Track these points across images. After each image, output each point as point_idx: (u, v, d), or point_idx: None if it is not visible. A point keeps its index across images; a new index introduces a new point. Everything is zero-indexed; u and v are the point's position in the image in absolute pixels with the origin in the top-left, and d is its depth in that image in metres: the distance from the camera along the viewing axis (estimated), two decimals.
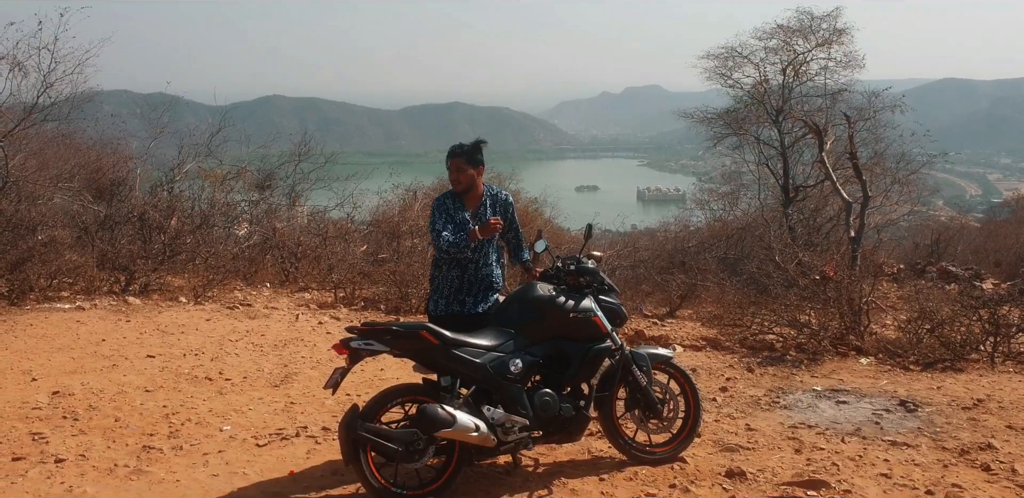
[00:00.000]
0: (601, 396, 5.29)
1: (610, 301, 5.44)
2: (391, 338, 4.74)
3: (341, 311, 10.68)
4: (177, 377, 7.28)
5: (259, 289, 12.66)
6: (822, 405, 6.73)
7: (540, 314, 5.12)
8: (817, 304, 8.97)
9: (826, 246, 16.75)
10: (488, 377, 4.87)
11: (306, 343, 8.65)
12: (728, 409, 6.65)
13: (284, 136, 18.36)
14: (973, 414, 6.43)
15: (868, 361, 8.18)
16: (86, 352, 8.01)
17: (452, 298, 5.57)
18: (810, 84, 20.70)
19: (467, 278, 5.57)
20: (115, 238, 11.35)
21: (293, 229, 14.73)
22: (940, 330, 8.34)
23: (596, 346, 5.24)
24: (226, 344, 8.48)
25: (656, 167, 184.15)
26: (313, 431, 5.96)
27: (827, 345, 8.55)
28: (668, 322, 12.18)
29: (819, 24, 19.74)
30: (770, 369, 7.95)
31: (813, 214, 19.21)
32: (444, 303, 5.58)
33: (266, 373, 7.49)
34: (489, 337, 5.01)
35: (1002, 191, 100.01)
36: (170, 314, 9.78)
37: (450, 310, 5.55)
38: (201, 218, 12.54)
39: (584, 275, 5.33)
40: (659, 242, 22.62)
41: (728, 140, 21.90)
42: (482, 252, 5.56)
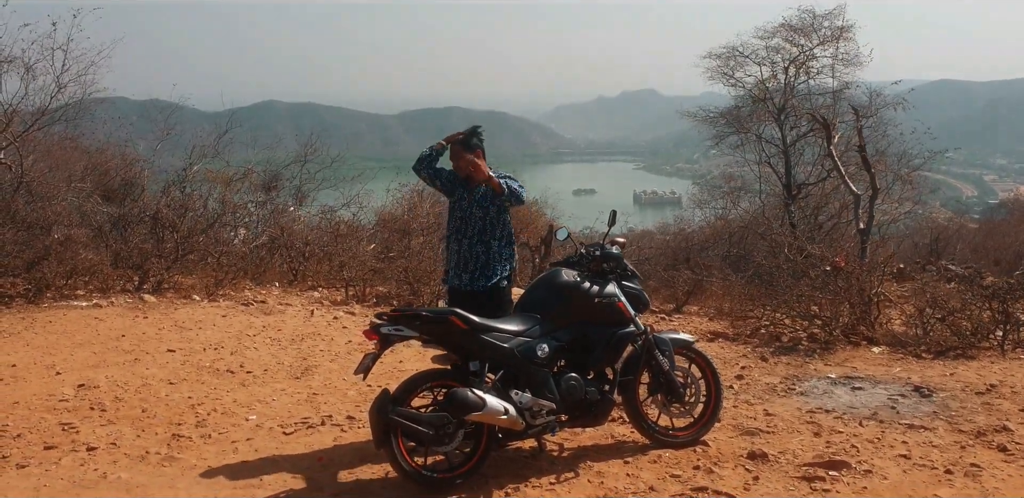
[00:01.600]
0: (625, 380, 5.38)
1: (633, 287, 5.54)
2: (420, 323, 4.82)
3: (355, 307, 10.77)
4: (199, 370, 7.36)
5: (268, 288, 12.72)
6: (838, 391, 6.83)
7: (566, 299, 5.22)
8: (828, 294, 9.07)
9: (830, 242, 16.87)
10: (516, 362, 4.96)
11: (323, 337, 8.74)
12: (745, 396, 6.75)
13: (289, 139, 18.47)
14: (987, 399, 6.53)
15: (880, 350, 8.29)
16: (107, 347, 8.09)
17: (454, 273, 5.84)
18: (812, 83, 20.83)
19: (462, 253, 5.81)
20: (128, 237, 11.43)
21: (301, 228, 14.81)
22: (951, 319, 8.44)
23: (620, 331, 5.33)
24: (244, 339, 8.57)
25: (652, 170, 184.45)
26: (338, 420, 6.04)
27: (839, 335, 8.65)
28: (675, 317, 12.28)
29: (821, 22, 19.89)
30: (783, 358, 8.05)
31: (815, 212, 19.34)
32: (469, 278, 5.82)
33: (286, 366, 7.57)
34: (516, 322, 5.11)
35: (998, 192, 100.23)
36: (186, 311, 9.87)
37: (476, 286, 5.77)
38: (214, 217, 12.65)
39: (608, 261, 5.44)
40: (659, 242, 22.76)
41: (729, 139, 22.03)
42: (474, 227, 5.77)
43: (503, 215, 5.86)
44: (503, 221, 5.85)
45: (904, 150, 19.72)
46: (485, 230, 5.79)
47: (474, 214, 5.80)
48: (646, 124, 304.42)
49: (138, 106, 17.89)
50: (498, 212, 5.81)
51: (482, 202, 5.80)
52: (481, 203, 5.79)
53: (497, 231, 5.83)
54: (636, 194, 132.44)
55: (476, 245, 5.77)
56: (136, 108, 18.37)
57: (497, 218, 5.83)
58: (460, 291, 5.83)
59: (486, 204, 5.79)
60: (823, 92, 20.56)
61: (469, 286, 5.79)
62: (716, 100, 23.44)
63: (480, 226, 5.79)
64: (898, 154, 19.54)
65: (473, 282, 5.79)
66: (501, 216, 5.84)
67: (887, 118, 19.31)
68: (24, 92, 11.78)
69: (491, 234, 5.79)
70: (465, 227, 5.81)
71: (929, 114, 19.77)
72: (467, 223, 5.80)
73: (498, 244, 5.81)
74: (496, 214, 5.81)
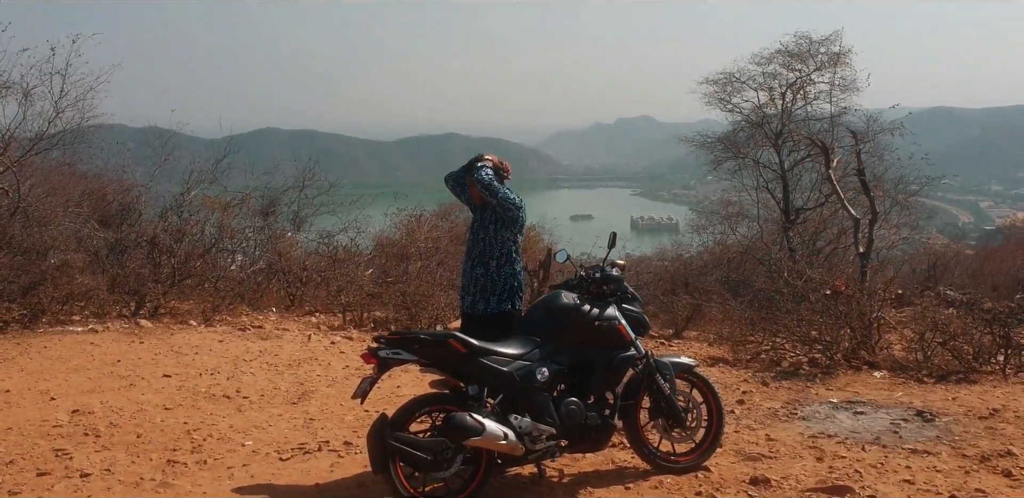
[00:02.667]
0: (625, 405, 5.33)
1: (633, 310, 5.50)
2: (419, 346, 4.78)
3: (352, 332, 10.71)
4: (195, 395, 7.29)
5: (265, 314, 12.67)
6: (840, 416, 6.77)
7: (565, 322, 5.18)
8: (828, 319, 9.02)
9: (829, 267, 16.84)
10: (515, 386, 4.91)
11: (320, 362, 8.67)
12: (747, 421, 6.69)
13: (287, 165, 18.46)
14: (990, 423, 6.47)
15: (881, 375, 8.23)
16: (102, 372, 8.02)
17: (479, 296, 5.68)
18: (809, 108, 20.93)
19: (465, 274, 5.77)
20: (125, 262, 11.37)
21: (299, 253, 14.76)
22: (952, 343, 8.39)
23: (620, 354, 5.29)
24: (241, 364, 8.50)
25: (649, 196, 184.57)
26: (335, 445, 5.97)
27: (840, 360, 8.60)
28: (675, 342, 12.22)
29: (817, 48, 20.00)
30: (784, 383, 8.00)
31: (813, 237, 19.32)
32: (471, 300, 5.72)
33: (283, 391, 7.50)
34: (515, 345, 5.06)
35: (994, 218, 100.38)
36: (182, 336, 9.80)
37: (476, 308, 5.65)
38: (211, 242, 12.61)
39: (608, 283, 5.40)
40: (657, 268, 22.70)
41: (727, 164, 22.07)
42: (477, 248, 5.73)
43: (502, 233, 5.70)
44: (501, 239, 5.70)
45: (901, 175, 19.74)
46: (485, 251, 5.73)
47: (477, 235, 5.77)
48: (643, 150, 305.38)
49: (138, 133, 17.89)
50: (496, 230, 5.69)
51: (484, 222, 5.75)
52: (484, 223, 5.75)
53: (495, 251, 5.70)
54: (634, 220, 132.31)
55: (476, 267, 5.72)
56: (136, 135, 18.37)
57: (495, 237, 5.69)
58: (467, 314, 5.78)
59: (487, 224, 5.74)
60: (820, 117, 20.63)
61: (470, 309, 5.74)
62: (713, 127, 23.51)
63: (481, 247, 5.73)
64: (895, 179, 19.56)
65: (473, 305, 5.73)
66: (499, 234, 5.69)
67: (884, 143, 19.39)
68: (22, 117, 11.79)
69: (489, 254, 5.70)
70: (471, 249, 5.80)
71: (924, 140, 19.81)
72: (473, 245, 5.79)
73: (496, 264, 5.69)
74: (495, 232, 5.69)
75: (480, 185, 5.57)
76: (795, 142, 20.18)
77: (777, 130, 20.39)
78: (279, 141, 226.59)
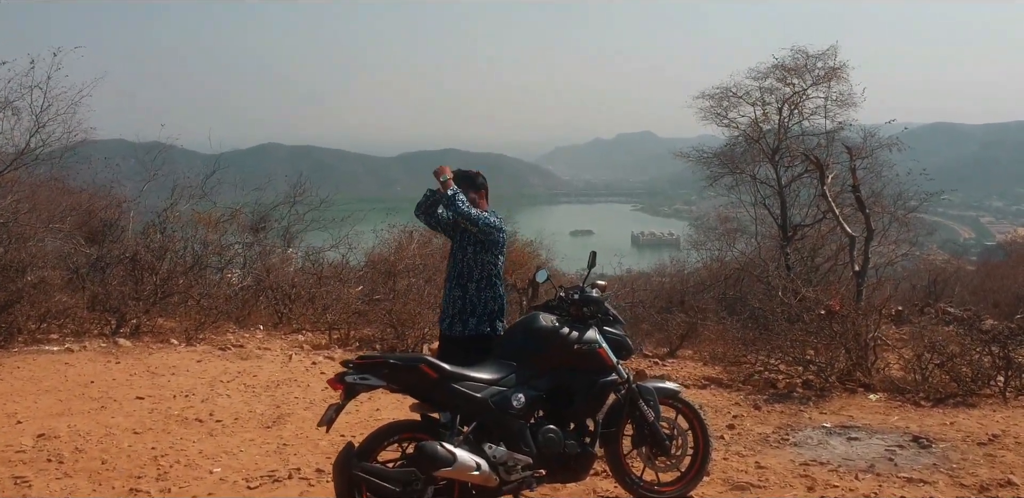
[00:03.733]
0: (607, 432, 5.10)
1: (615, 332, 5.27)
2: (388, 372, 4.55)
3: (336, 352, 10.46)
4: (166, 419, 7.05)
5: (252, 331, 12.44)
6: (833, 442, 6.52)
7: (543, 346, 4.95)
8: (823, 339, 8.77)
9: (826, 285, 16.61)
10: (490, 412, 4.68)
11: (299, 384, 8.42)
12: (736, 447, 6.44)
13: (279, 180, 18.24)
14: (989, 450, 6.22)
15: (877, 397, 7.97)
16: (74, 394, 7.77)
17: (457, 318, 5.44)
18: (805, 124, 20.72)
19: (444, 296, 5.54)
20: (106, 279, 11.13)
21: (287, 270, 14.53)
22: (950, 364, 8.14)
23: (602, 379, 5.06)
24: (217, 385, 8.25)
25: (650, 211, 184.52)
26: (306, 473, 5.73)
27: (834, 381, 8.33)
28: (669, 362, 11.97)
29: (814, 62, 19.80)
30: (777, 406, 7.74)
31: (811, 254, 19.09)
32: (448, 322, 5.49)
33: (258, 414, 7.26)
34: (490, 370, 4.83)
35: (994, 234, 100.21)
36: (160, 356, 9.55)
37: (454, 331, 5.42)
38: (194, 259, 12.38)
39: (588, 305, 5.17)
40: (656, 284, 22.50)
41: (724, 180, 21.86)
42: (455, 270, 5.49)
43: (481, 256, 5.43)
44: (481, 262, 5.44)
45: (900, 191, 19.51)
46: (463, 273, 5.48)
47: (456, 257, 5.53)
48: (643, 166, 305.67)
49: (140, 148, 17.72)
50: (475, 253, 5.43)
51: (462, 244, 5.51)
52: (462, 245, 5.51)
53: (475, 273, 5.45)
54: (634, 235, 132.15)
55: (454, 289, 5.47)
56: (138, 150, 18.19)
57: (475, 259, 5.44)
58: (446, 336, 5.54)
59: (465, 246, 5.50)
60: (817, 133, 20.40)
61: (448, 331, 5.50)
62: (712, 142, 23.31)
63: (460, 269, 5.49)
64: (894, 195, 19.34)
65: (451, 327, 5.48)
66: (479, 256, 5.43)
67: (882, 159, 19.18)
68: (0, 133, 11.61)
69: (468, 276, 5.45)
70: (450, 271, 5.55)
71: (924, 156, 19.66)
72: (452, 267, 5.53)
73: (475, 287, 5.44)
74: (474, 255, 5.44)
75: (461, 218, 5.31)
76: (792, 158, 19.97)
77: (774, 146, 20.18)
78: (280, 156, 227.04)
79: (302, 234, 17.02)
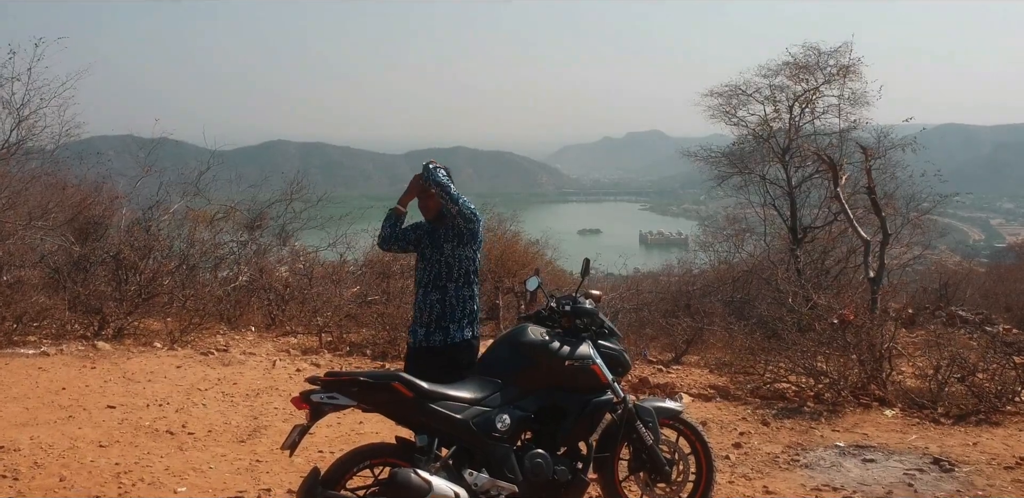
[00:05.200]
0: (601, 457, 4.65)
1: (611, 347, 4.81)
2: (358, 390, 4.11)
3: (324, 356, 10.01)
4: (136, 430, 6.62)
5: (243, 333, 12.05)
6: (847, 464, 6.05)
7: (531, 362, 4.51)
8: (835, 350, 8.27)
9: (836, 289, 16.13)
10: (471, 435, 4.23)
11: (280, 393, 7.97)
12: (743, 468, 5.98)
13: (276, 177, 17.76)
14: (1017, 474, 5.75)
15: (893, 413, 7.47)
16: (42, 402, 7.35)
17: (435, 325, 4.99)
18: (817, 123, 20.14)
19: (418, 303, 5.05)
20: (88, 279, 10.70)
21: (281, 270, 14.08)
22: (971, 379, 7.64)
23: (595, 399, 4.61)
24: (194, 393, 7.81)
25: (658, 211, 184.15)
26: (277, 494, 5.32)
27: (847, 395, 7.83)
28: (674, 368, 11.55)
29: (826, 60, 19.24)
30: (787, 422, 7.25)
31: (822, 256, 18.60)
32: (424, 332, 5.02)
33: (233, 426, 6.82)
34: (472, 388, 4.39)
35: (1005, 236, 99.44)
36: (139, 360, 9.10)
37: (432, 340, 4.96)
38: (181, 258, 11.95)
39: (581, 317, 4.72)
40: (663, 285, 22.08)
41: (732, 180, 21.33)
42: (432, 272, 5.03)
43: (460, 251, 5.01)
44: (460, 258, 5.01)
45: (913, 193, 18.97)
46: (441, 273, 5.02)
47: (432, 257, 5.05)
48: (652, 165, 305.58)
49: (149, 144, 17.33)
50: (453, 249, 5.00)
51: (437, 242, 5.05)
52: (437, 243, 5.05)
53: (454, 272, 5.02)
54: (642, 235, 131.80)
55: (431, 293, 5.01)
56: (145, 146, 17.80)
57: (453, 256, 5.01)
58: (416, 349, 5.07)
59: (441, 243, 5.04)
60: (829, 132, 19.82)
61: (425, 341, 5.03)
62: (722, 141, 22.77)
63: (437, 270, 5.02)
64: (907, 197, 18.80)
65: (429, 336, 5.01)
66: (457, 252, 5.01)
67: (895, 160, 18.63)
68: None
69: (447, 276, 5.01)
70: (424, 275, 5.07)
71: (935, 158, 19.09)
72: (425, 271, 5.06)
73: (455, 286, 5.02)
74: (452, 251, 5.01)
75: (438, 187, 4.89)
76: (802, 158, 19.41)
77: (784, 145, 19.63)
78: (289, 153, 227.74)
79: (298, 232, 16.56)
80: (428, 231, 5.09)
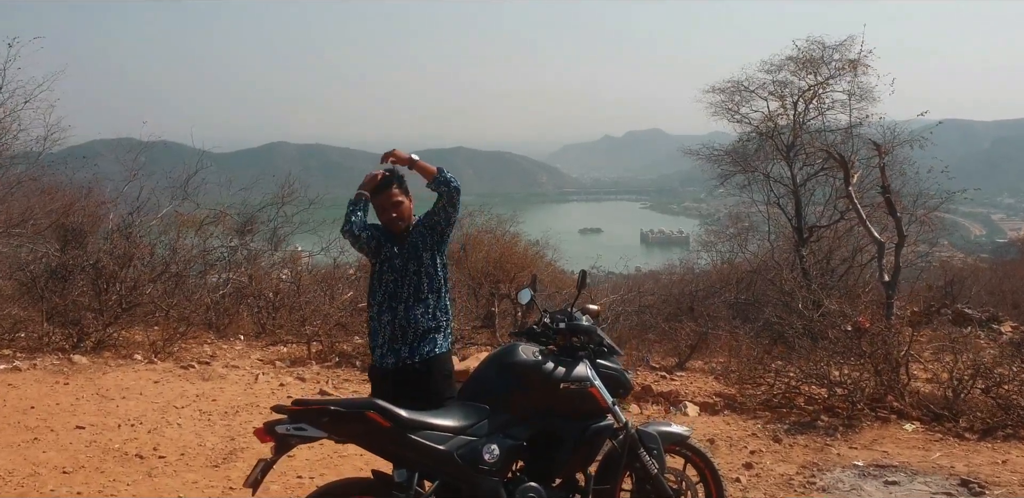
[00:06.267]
0: (601, 489, 4.20)
1: (611, 366, 4.37)
2: (329, 420, 3.68)
3: (312, 369, 9.52)
4: (104, 454, 6.18)
5: (231, 342, 11.60)
6: (867, 487, 5.60)
7: (522, 385, 4.07)
8: (849, 359, 7.79)
9: (844, 290, 15.67)
10: (455, 468, 3.80)
11: (261, 410, 7.49)
12: (755, 492, 5.53)
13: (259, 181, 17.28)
14: None
15: (913, 428, 7.00)
16: (8, 422, 6.91)
17: (387, 347, 4.55)
18: (822, 119, 19.58)
19: (398, 321, 4.55)
20: (68, 289, 10.24)
21: (281, 275, 13.61)
22: (998, 389, 7.17)
23: (594, 425, 4.17)
24: (170, 411, 7.35)
25: (659, 209, 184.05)
26: None
27: (863, 408, 7.35)
28: (678, 375, 11.10)
29: (831, 54, 18.70)
30: (800, 438, 6.79)
31: (827, 256, 18.13)
32: (379, 353, 4.58)
33: (207, 449, 6.37)
34: (457, 415, 3.95)
35: (1006, 231, 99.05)
36: (116, 375, 8.63)
37: (384, 363, 4.54)
38: (163, 266, 11.48)
39: (578, 334, 4.28)
40: (665, 285, 21.67)
41: (735, 178, 20.82)
42: (410, 286, 4.57)
43: (436, 259, 4.64)
44: (436, 266, 4.63)
45: (919, 190, 18.47)
46: (421, 285, 4.59)
47: (408, 269, 4.59)
48: (652, 163, 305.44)
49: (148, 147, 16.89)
50: (431, 257, 4.61)
51: (414, 251, 4.61)
52: (413, 253, 4.61)
53: (434, 283, 4.62)
54: (643, 233, 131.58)
55: (413, 307, 4.57)
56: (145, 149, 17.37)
57: (432, 265, 4.62)
58: (388, 370, 4.57)
59: (418, 252, 4.61)
60: (835, 128, 19.25)
61: (409, 358, 4.56)
62: (723, 139, 22.26)
63: (416, 282, 4.58)
64: (914, 194, 18.29)
65: (413, 353, 4.56)
66: (434, 261, 4.63)
67: (901, 157, 18.10)
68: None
69: (429, 287, 4.60)
70: (399, 289, 4.58)
71: (935, 153, 18.54)
72: (401, 283, 4.58)
73: (434, 297, 4.62)
74: (430, 261, 4.61)
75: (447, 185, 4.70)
76: (807, 155, 18.87)
77: (789, 142, 19.11)
78: (289, 155, 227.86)
79: (289, 237, 16.09)
80: (389, 239, 4.63)
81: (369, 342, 4.74)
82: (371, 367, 4.68)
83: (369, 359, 4.83)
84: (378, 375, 4.62)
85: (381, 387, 4.56)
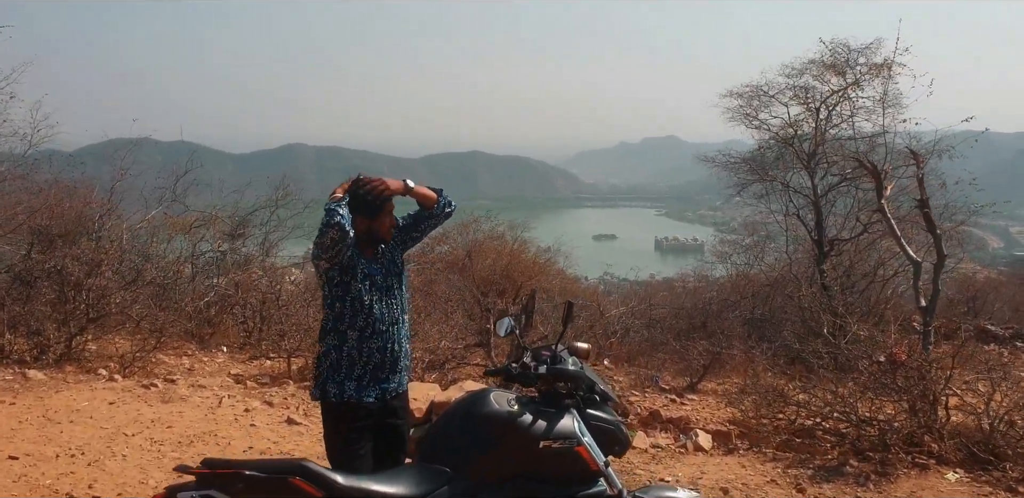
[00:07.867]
0: None
1: (603, 418, 3.58)
2: (244, 487, 2.93)
3: (287, 389, 8.69)
4: (31, 492, 5.41)
5: (213, 354, 10.89)
6: None
7: (493, 442, 3.30)
8: (882, 395, 6.92)
9: (866, 307, 14.81)
10: None
11: (219, 440, 6.72)
12: None
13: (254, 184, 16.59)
14: None
15: (957, 477, 6.14)
16: None
17: (370, 378, 3.81)
18: (845, 127, 18.59)
19: (391, 349, 3.85)
20: (31, 296, 9.51)
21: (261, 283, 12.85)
22: None
23: (582, 492, 3.39)
24: (118, 440, 6.57)
25: (674, 217, 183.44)
26: None
27: (898, 451, 6.47)
28: (689, 398, 10.34)
29: (856, 58, 17.73)
30: (827, 487, 5.93)
31: (848, 270, 17.26)
32: (355, 386, 3.79)
33: (150, 487, 5.57)
34: (408, 481, 3.19)
35: None
36: (69, 394, 7.83)
37: (363, 397, 3.76)
38: (134, 273, 10.74)
39: (563, 380, 3.50)
40: (678, 295, 20.95)
41: (753, 187, 19.89)
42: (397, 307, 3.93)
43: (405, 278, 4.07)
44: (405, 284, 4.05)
45: (947, 203, 17.54)
46: (404, 305, 4.00)
47: (392, 286, 3.92)
48: (668, 170, 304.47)
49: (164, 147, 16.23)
50: (403, 288, 4.02)
51: (392, 268, 3.96)
52: (392, 269, 3.96)
53: (407, 302, 4.06)
54: (658, 240, 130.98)
55: (401, 330, 3.94)
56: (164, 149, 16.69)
57: (405, 282, 4.07)
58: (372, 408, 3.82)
59: (398, 269, 3.99)
60: (862, 136, 18.19)
61: (396, 390, 3.89)
62: (740, 147, 21.34)
63: (399, 302, 3.95)
64: (941, 207, 17.35)
65: (401, 384, 3.93)
66: (405, 278, 4.06)
67: (930, 167, 17.13)
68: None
69: (404, 306, 4.01)
70: (390, 310, 3.88)
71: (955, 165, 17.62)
72: (389, 304, 3.88)
73: (407, 317, 4.04)
74: (404, 278, 4.06)
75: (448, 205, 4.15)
76: (830, 164, 17.91)
77: (810, 150, 18.17)
78: (306, 157, 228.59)
79: (281, 242, 15.33)
80: (361, 254, 3.86)
81: (324, 375, 3.90)
82: (338, 404, 3.80)
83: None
84: (351, 414, 3.79)
85: (351, 427, 3.77)
